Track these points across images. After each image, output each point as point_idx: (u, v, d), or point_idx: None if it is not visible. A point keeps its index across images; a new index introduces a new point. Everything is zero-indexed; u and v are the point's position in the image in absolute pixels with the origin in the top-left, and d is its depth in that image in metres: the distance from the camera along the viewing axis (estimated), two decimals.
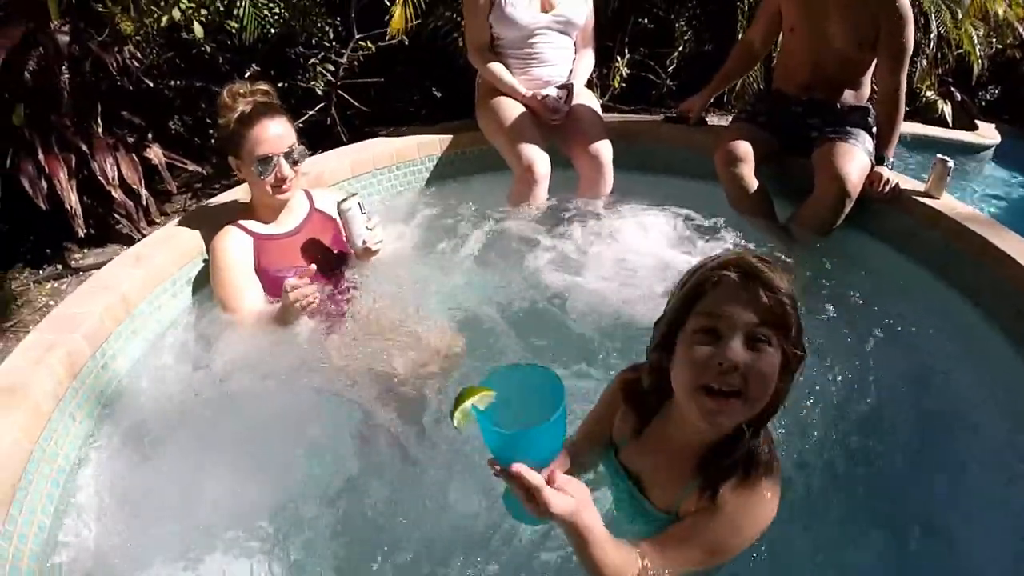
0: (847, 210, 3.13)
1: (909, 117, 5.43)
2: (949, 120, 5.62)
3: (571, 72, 3.64)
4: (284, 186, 2.57)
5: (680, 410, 1.42)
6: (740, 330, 1.28)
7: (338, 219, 2.67)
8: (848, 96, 3.39)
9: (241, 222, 2.63)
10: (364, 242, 2.64)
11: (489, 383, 1.26)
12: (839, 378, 2.40)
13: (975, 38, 5.45)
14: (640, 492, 1.52)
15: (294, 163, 2.57)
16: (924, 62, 5.35)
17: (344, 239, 2.72)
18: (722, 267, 1.33)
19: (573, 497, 1.25)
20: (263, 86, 2.64)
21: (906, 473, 2.20)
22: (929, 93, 5.67)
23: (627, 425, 1.56)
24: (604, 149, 3.45)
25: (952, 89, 5.92)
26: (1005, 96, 6.68)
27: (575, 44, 3.66)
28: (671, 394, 1.44)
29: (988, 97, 6.66)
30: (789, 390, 1.38)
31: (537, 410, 1.21)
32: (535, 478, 1.21)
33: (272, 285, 2.58)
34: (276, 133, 2.53)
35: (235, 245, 2.57)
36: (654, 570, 1.34)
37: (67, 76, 3.50)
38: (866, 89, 3.42)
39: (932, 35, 5.11)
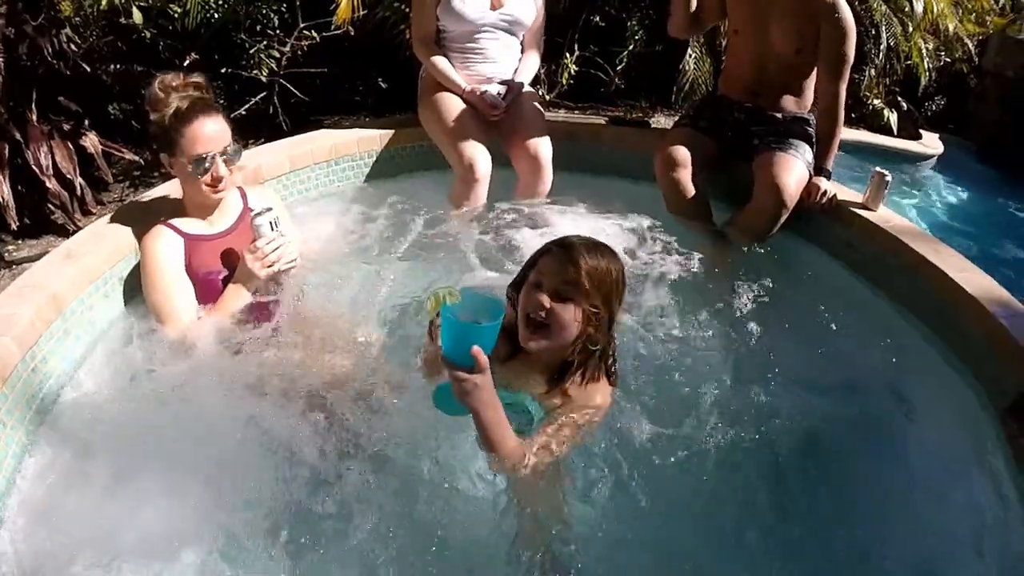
0: (783, 219, 3.20)
1: (856, 124, 5.62)
2: (894, 128, 5.74)
3: (515, 71, 3.65)
4: (220, 185, 2.53)
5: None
6: (550, 286, 1.82)
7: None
8: (790, 103, 3.45)
9: (172, 221, 2.57)
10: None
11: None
12: (771, 382, 2.47)
13: (924, 51, 5.56)
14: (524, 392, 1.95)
15: (229, 162, 2.54)
16: (873, 71, 5.45)
17: None
18: (554, 243, 1.89)
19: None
20: (196, 79, 2.57)
21: (835, 478, 2.28)
22: (876, 101, 5.79)
23: (502, 350, 1.96)
24: (543, 148, 3.47)
25: (899, 99, 6.06)
26: (950, 108, 6.83)
27: (522, 44, 3.68)
28: None
29: (934, 108, 6.79)
30: (601, 337, 1.87)
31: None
32: (484, 358, 1.60)
33: (204, 287, 2.55)
34: (213, 131, 2.48)
35: (165, 246, 2.51)
36: (542, 447, 1.78)
37: (1, 60, 3.40)
38: (808, 97, 3.48)
39: (882, 46, 5.20)
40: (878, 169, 3.26)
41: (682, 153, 3.34)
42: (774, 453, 2.28)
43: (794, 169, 3.21)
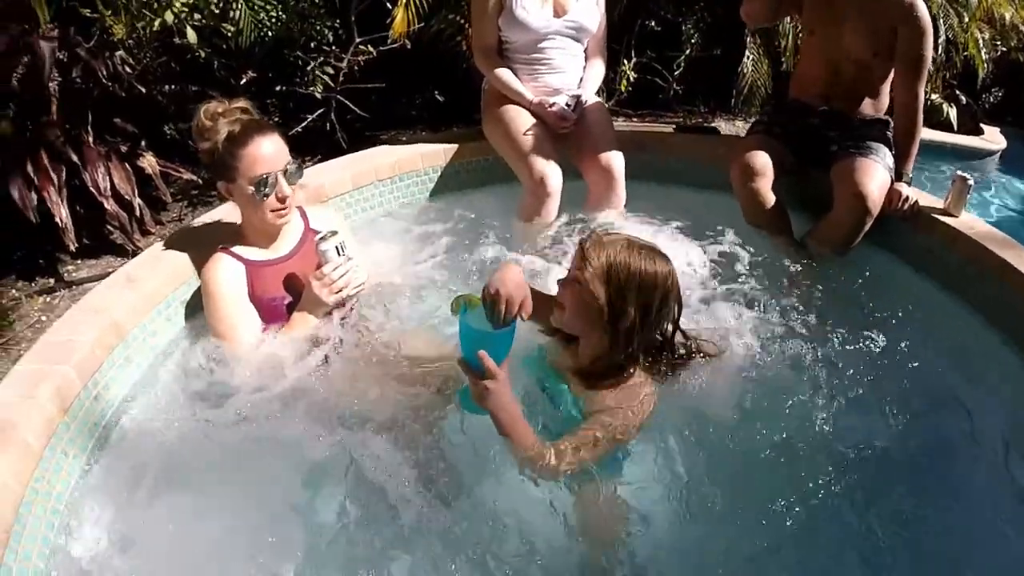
0: (867, 228, 3.06)
1: None
2: (954, 124, 5.56)
3: (581, 80, 3.53)
4: (285, 206, 2.43)
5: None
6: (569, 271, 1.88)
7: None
8: (867, 107, 3.30)
9: (232, 248, 2.48)
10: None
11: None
12: (851, 397, 2.36)
13: (980, 41, 5.40)
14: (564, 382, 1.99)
15: (291, 181, 2.43)
16: (931, 66, 5.25)
17: None
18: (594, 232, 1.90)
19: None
20: (241, 103, 2.46)
21: (916, 493, 2.18)
22: (935, 96, 5.62)
23: (556, 340, 2.06)
24: (616, 161, 3.34)
25: (957, 92, 5.86)
26: (1008, 99, 6.62)
27: (586, 51, 3.55)
28: None
29: (992, 100, 6.60)
30: (625, 333, 1.83)
31: None
32: (491, 363, 1.71)
33: (268, 313, 2.47)
34: (270, 150, 2.37)
35: (227, 275, 2.42)
36: (565, 453, 1.78)
37: (56, 83, 3.38)
38: (885, 100, 3.33)
39: (940, 39, 5.05)
40: (960, 173, 3.11)
41: (760, 161, 3.19)
42: (851, 472, 2.16)
43: (876, 175, 3.06)
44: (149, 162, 3.74)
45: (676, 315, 1.93)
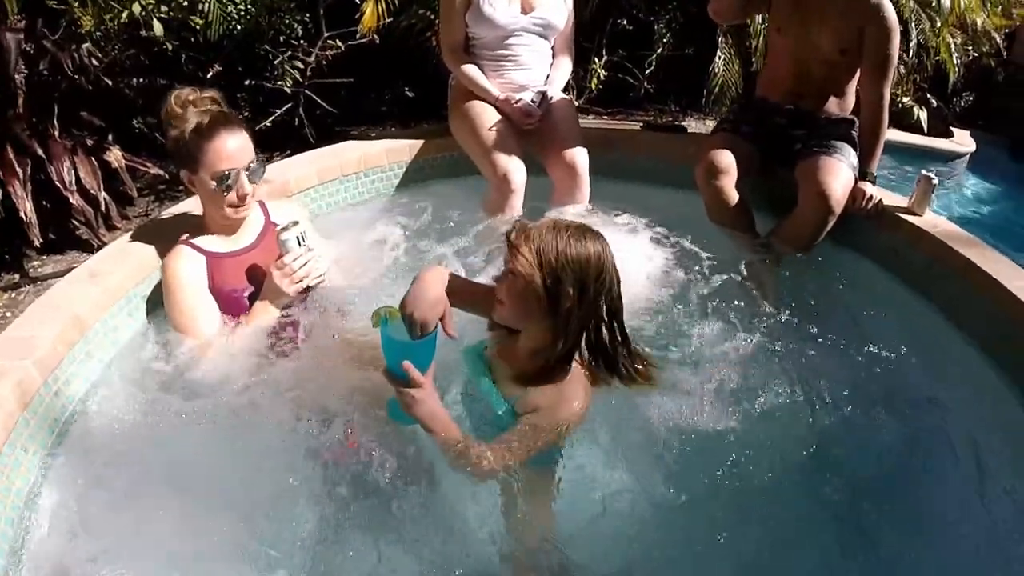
0: (830, 226, 3.08)
1: None
2: (924, 126, 5.61)
3: (547, 77, 3.55)
4: (244, 203, 2.44)
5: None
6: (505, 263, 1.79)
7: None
8: (833, 106, 3.33)
9: (193, 240, 2.49)
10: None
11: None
12: (815, 395, 2.39)
13: (952, 46, 5.47)
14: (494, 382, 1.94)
15: (253, 179, 2.44)
16: (902, 68, 5.34)
17: None
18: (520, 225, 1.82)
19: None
20: (211, 93, 2.46)
21: (880, 491, 2.22)
22: (906, 99, 5.68)
23: (498, 333, 1.99)
24: (580, 157, 3.36)
25: (928, 96, 5.92)
26: (979, 103, 6.71)
27: (553, 48, 3.57)
28: None
29: (962, 104, 6.67)
30: (567, 325, 1.76)
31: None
32: (416, 373, 1.72)
33: (229, 304, 2.47)
34: (235, 147, 2.37)
35: (187, 266, 2.43)
36: (499, 453, 1.78)
37: (22, 76, 3.34)
38: (851, 99, 3.36)
39: (911, 43, 5.09)
40: (925, 172, 3.15)
41: (725, 160, 3.20)
42: (815, 470, 2.22)
43: (840, 174, 3.08)
44: (116, 156, 3.72)
45: (616, 292, 1.81)
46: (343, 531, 1.96)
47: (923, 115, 5.61)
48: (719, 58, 4.99)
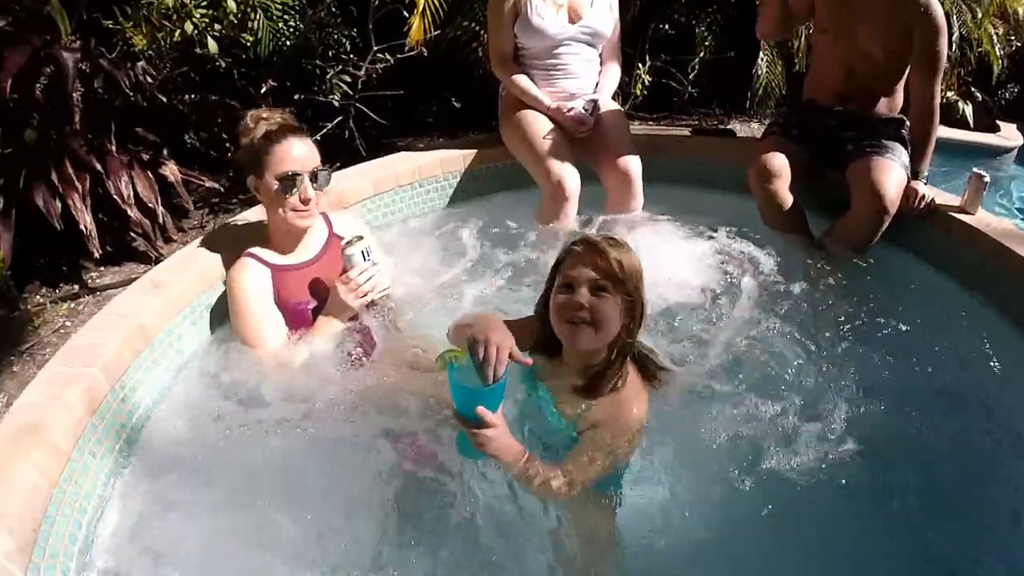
0: (885, 226, 3.05)
1: None
2: (970, 121, 5.51)
3: (597, 85, 3.55)
4: (307, 208, 2.46)
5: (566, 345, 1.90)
6: (585, 282, 1.76)
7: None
8: (882, 106, 3.30)
9: (257, 252, 2.51)
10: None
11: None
12: (872, 396, 2.36)
13: (994, 37, 5.37)
14: (554, 405, 1.93)
15: (317, 185, 2.47)
16: (946, 63, 5.24)
17: None
18: (573, 243, 1.83)
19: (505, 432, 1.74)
20: (285, 112, 2.54)
21: (933, 490, 2.16)
22: (950, 94, 5.60)
23: (540, 358, 1.97)
24: (633, 164, 3.35)
25: (972, 89, 5.82)
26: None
27: (601, 56, 3.57)
28: None
29: (1007, 96, 6.56)
30: (637, 327, 1.83)
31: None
32: (489, 415, 1.67)
33: (293, 317, 2.49)
34: (301, 151, 2.43)
35: (252, 278, 2.45)
36: (571, 476, 1.78)
37: (79, 94, 3.42)
38: (899, 99, 3.33)
39: (953, 35, 5.02)
40: (976, 170, 3.10)
41: (778, 163, 3.18)
42: (870, 470, 2.15)
43: (893, 173, 3.05)
44: (171, 170, 3.79)
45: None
46: (414, 548, 1.94)
47: (968, 110, 5.53)
48: (762, 60, 4.97)
